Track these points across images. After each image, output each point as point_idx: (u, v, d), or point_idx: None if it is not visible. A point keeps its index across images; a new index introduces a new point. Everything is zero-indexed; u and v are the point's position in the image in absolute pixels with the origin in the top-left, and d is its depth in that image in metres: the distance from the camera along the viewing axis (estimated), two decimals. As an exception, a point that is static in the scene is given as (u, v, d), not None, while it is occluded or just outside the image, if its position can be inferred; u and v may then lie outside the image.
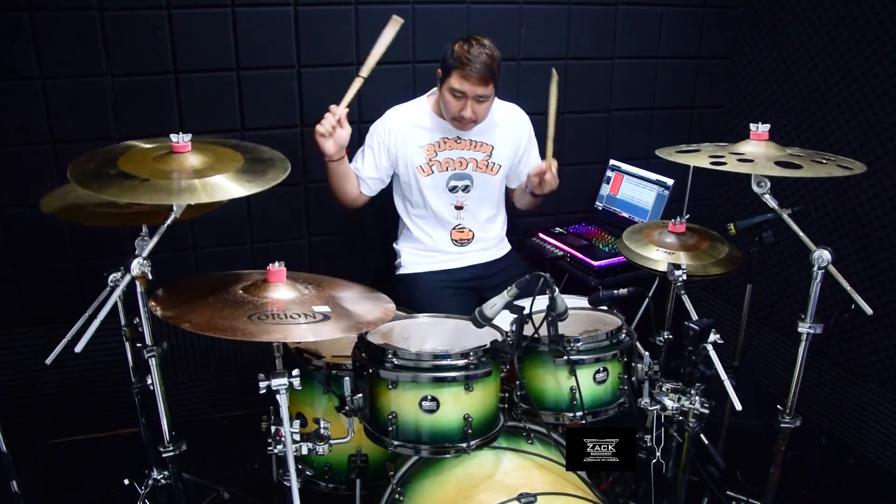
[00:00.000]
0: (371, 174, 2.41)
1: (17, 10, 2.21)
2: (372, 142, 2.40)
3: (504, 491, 1.52)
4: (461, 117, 2.27)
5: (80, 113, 2.37)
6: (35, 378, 2.61)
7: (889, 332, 2.50)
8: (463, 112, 2.25)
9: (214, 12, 2.40)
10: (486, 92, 2.23)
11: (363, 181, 2.42)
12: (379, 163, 2.40)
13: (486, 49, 2.19)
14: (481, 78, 2.18)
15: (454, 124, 2.34)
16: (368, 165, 2.41)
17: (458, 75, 2.19)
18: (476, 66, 2.16)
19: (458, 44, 2.20)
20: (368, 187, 2.44)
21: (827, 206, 2.69)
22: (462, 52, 2.18)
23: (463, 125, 2.32)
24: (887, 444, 2.54)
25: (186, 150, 1.63)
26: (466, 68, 2.16)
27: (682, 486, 1.80)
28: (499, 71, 2.23)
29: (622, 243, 2.23)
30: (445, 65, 2.23)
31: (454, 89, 2.22)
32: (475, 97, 2.23)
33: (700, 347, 1.67)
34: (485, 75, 2.18)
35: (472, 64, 2.16)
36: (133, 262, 1.52)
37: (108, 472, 2.28)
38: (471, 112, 2.25)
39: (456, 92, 2.22)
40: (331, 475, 1.86)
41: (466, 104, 2.24)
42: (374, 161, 2.40)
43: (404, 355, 1.58)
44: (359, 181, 2.42)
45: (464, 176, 2.44)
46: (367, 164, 2.41)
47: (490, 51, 2.20)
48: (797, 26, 2.74)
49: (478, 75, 2.17)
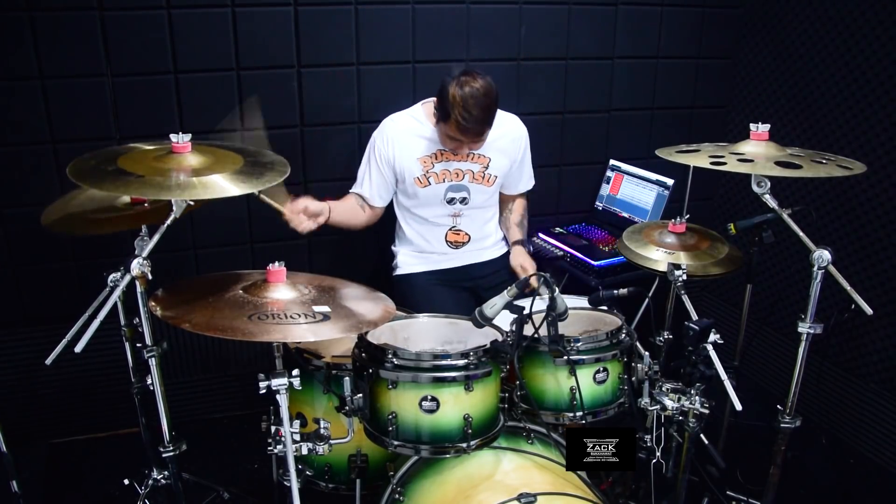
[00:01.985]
0: (380, 187, 2.43)
1: (17, 10, 2.21)
2: (374, 155, 2.41)
3: (504, 491, 1.52)
4: (457, 152, 2.34)
5: (80, 113, 2.37)
6: (35, 378, 2.61)
7: (889, 332, 2.50)
8: (459, 150, 2.32)
9: (214, 12, 2.40)
10: (481, 140, 2.27)
11: (373, 197, 2.44)
12: (384, 174, 2.41)
13: (482, 100, 2.11)
14: (476, 134, 2.21)
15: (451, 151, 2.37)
16: (376, 183, 2.42)
17: (454, 128, 2.18)
18: (471, 124, 2.14)
19: (456, 87, 2.11)
20: (380, 199, 2.46)
21: (827, 206, 2.69)
22: (458, 107, 2.11)
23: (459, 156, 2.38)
24: (887, 444, 2.54)
25: (186, 150, 1.63)
26: (461, 126, 2.14)
27: (682, 486, 1.80)
28: (496, 110, 2.21)
29: (622, 243, 2.23)
30: (442, 109, 2.19)
31: (451, 136, 2.24)
32: (471, 142, 2.27)
33: (700, 347, 1.67)
34: (480, 132, 2.20)
35: (467, 122, 2.13)
36: (133, 262, 1.53)
37: (108, 472, 2.28)
38: (467, 150, 2.32)
39: (453, 139, 2.25)
40: (331, 475, 1.86)
41: (462, 146, 2.29)
42: (380, 173, 2.41)
43: (404, 355, 1.58)
44: (368, 198, 2.44)
45: (460, 187, 2.44)
46: (375, 182, 2.42)
47: (486, 100, 2.13)
48: (797, 26, 2.74)
49: (472, 133, 2.19)
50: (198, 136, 1.70)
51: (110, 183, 1.52)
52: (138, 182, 1.52)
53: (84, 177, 1.53)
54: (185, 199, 1.55)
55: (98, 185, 1.53)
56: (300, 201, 2.12)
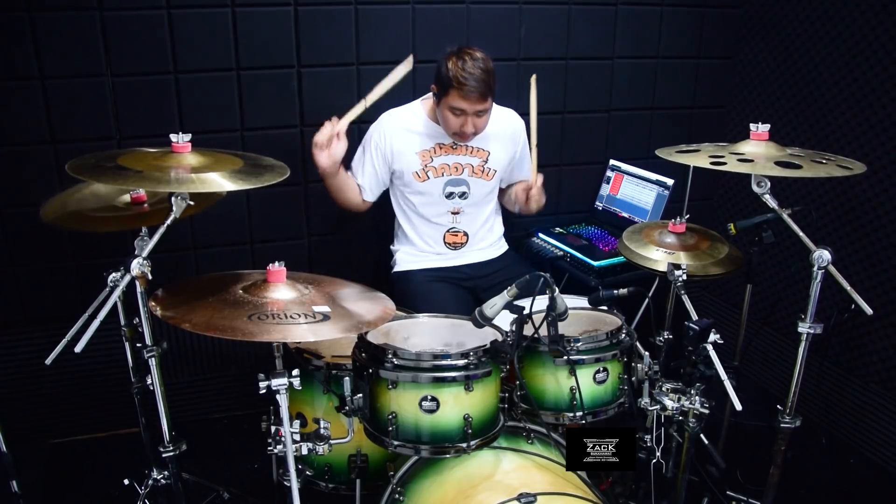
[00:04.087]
0: (371, 181, 2.43)
1: (17, 10, 2.21)
2: (370, 148, 2.41)
3: (504, 491, 1.52)
4: (462, 133, 2.28)
5: (80, 113, 2.37)
6: (35, 378, 2.61)
7: (889, 332, 2.50)
8: (464, 128, 2.26)
9: (214, 12, 2.40)
10: (485, 106, 2.24)
11: (364, 189, 2.44)
12: (378, 169, 2.41)
13: (480, 63, 2.17)
14: (480, 95, 2.19)
15: (455, 139, 2.35)
16: (368, 173, 2.42)
17: (456, 94, 2.18)
18: (473, 83, 2.15)
19: (452, 61, 2.18)
20: (371, 193, 2.46)
21: (827, 206, 2.69)
22: (458, 71, 2.15)
23: (464, 139, 2.34)
24: (887, 444, 2.54)
25: (186, 150, 1.63)
26: (464, 87, 2.15)
27: (682, 486, 1.80)
28: (494, 82, 2.23)
29: (622, 243, 2.23)
30: (441, 83, 2.22)
31: (454, 107, 2.22)
32: (475, 112, 2.24)
33: (700, 347, 1.67)
34: (483, 92, 2.19)
35: (468, 83, 2.15)
36: (133, 262, 1.52)
37: (108, 472, 2.28)
38: (471, 127, 2.27)
39: (456, 110, 2.23)
40: (331, 475, 1.86)
41: (467, 120, 2.25)
42: (374, 168, 2.41)
43: (404, 355, 1.58)
44: (360, 189, 2.44)
45: (460, 182, 2.44)
46: (367, 172, 2.42)
47: (484, 64, 2.18)
48: (797, 26, 2.74)
49: (476, 93, 2.18)
50: (198, 137, 1.70)
51: (110, 177, 1.53)
52: (137, 176, 1.52)
53: (83, 171, 1.54)
54: (182, 193, 1.54)
55: (97, 179, 1.54)
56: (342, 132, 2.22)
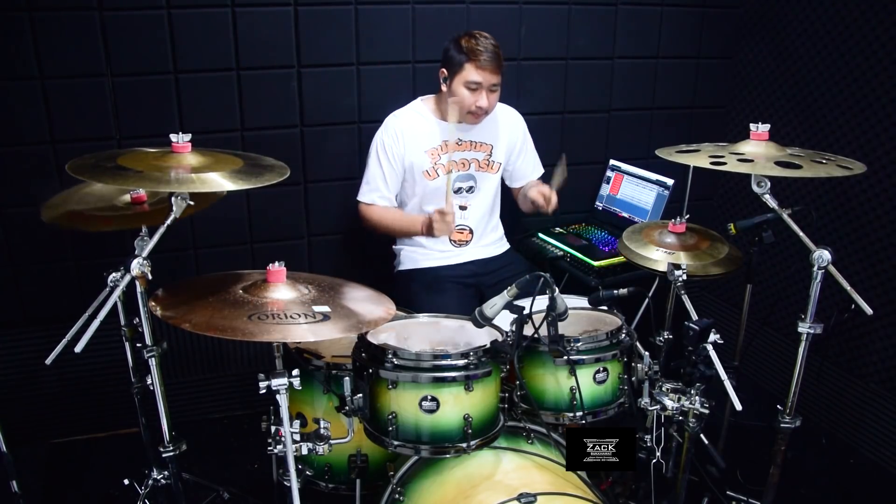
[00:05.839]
0: (396, 188, 2.46)
1: (17, 10, 2.21)
2: (385, 154, 2.40)
3: (504, 491, 1.52)
4: (478, 108, 2.32)
5: (80, 113, 2.37)
6: (35, 378, 2.61)
7: (889, 332, 2.50)
8: (479, 103, 2.31)
9: (214, 12, 2.40)
10: (498, 80, 2.32)
11: (393, 198, 2.46)
12: (397, 171, 2.42)
13: (491, 40, 2.29)
14: (495, 66, 2.27)
15: (468, 119, 2.37)
16: (392, 182, 2.43)
17: (472, 66, 2.26)
18: (488, 54, 2.26)
19: (464, 39, 2.28)
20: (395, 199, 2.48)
21: (827, 206, 2.69)
22: (471, 45, 2.26)
23: (477, 118, 2.37)
24: (887, 444, 2.54)
25: (186, 150, 1.63)
26: (481, 58, 2.25)
27: (682, 486, 1.80)
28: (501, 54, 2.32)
29: (622, 243, 2.23)
30: (454, 61, 2.28)
31: (470, 81, 2.27)
32: (489, 86, 2.29)
33: (700, 347, 1.67)
34: (497, 63, 2.29)
35: (484, 53, 2.25)
36: (133, 262, 1.52)
37: (108, 472, 2.28)
38: (486, 101, 2.31)
39: (472, 84, 2.27)
40: (331, 475, 1.86)
41: (482, 94, 2.30)
42: (393, 171, 2.42)
43: (404, 355, 1.58)
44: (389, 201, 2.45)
45: (468, 177, 2.47)
46: (391, 182, 2.42)
47: (493, 40, 2.30)
48: (797, 26, 2.74)
49: (491, 64, 2.26)
50: (198, 136, 1.70)
51: (109, 176, 1.53)
52: (137, 176, 1.52)
53: (83, 171, 1.54)
54: (182, 193, 1.54)
55: (97, 178, 1.54)
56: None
